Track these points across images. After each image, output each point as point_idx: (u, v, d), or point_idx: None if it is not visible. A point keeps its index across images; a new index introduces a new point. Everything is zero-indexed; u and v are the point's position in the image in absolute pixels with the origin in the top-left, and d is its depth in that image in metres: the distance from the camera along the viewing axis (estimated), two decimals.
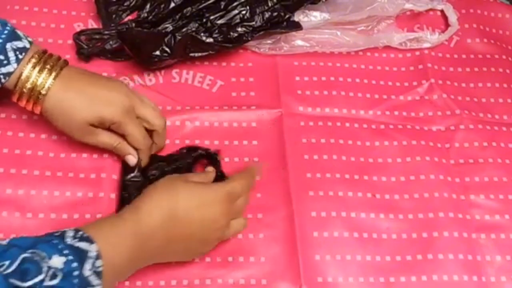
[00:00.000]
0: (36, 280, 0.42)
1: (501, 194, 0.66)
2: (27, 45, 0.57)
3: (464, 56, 0.78)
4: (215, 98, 0.70)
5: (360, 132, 0.69)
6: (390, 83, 0.74)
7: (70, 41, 0.70)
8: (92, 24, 0.72)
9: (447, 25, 0.80)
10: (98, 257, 0.46)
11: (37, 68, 0.56)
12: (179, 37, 0.65)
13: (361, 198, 0.64)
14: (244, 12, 0.68)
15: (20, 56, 0.56)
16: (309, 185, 0.64)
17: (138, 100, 0.60)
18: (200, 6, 0.68)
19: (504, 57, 0.78)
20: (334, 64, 0.74)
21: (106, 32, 0.69)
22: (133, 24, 0.70)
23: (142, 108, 0.60)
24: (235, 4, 0.68)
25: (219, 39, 0.67)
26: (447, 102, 0.73)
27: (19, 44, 0.56)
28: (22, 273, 0.41)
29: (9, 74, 0.55)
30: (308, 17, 0.75)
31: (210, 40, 0.67)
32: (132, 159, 0.61)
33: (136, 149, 0.61)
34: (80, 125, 0.58)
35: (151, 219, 0.51)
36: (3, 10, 0.71)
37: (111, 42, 0.68)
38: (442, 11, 0.80)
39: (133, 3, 0.72)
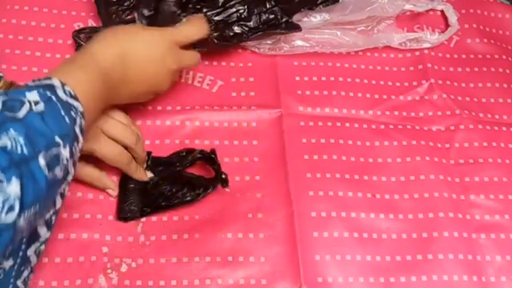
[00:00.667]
0: (24, 110, 0.42)
1: (501, 194, 0.66)
2: None
3: (464, 56, 0.78)
4: (215, 98, 0.70)
5: (360, 132, 0.69)
6: (390, 83, 0.74)
7: (70, 41, 0.70)
8: (92, 24, 0.72)
9: (447, 25, 0.80)
10: (63, 85, 0.47)
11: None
12: None
13: (361, 198, 0.64)
14: (241, 11, 0.68)
15: None
16: (309, 185, 0.64)
17: (105, 124, 0.58)
18: None
19: (504, 57, 0.78)
20: (334, 64, 0.74)
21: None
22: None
23: (110, 130, 0.59)
24: (233, 2, 0.68)
25: (215, 35, 0.67)
26: (447, 102, 0.73)
27: None
28: (10, 108, 0.42)
29: None
30: (308, 17, 0.75)
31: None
32: (111, 193, 0.61)
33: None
34: None
35: (104, 56, 0.55)
36: (3, 10, 0.71)
37: None
38: (442, 11, 0.80)
39: (133, 3, 0.72)
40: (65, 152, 0.44)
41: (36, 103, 0.44)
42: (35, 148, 0.41)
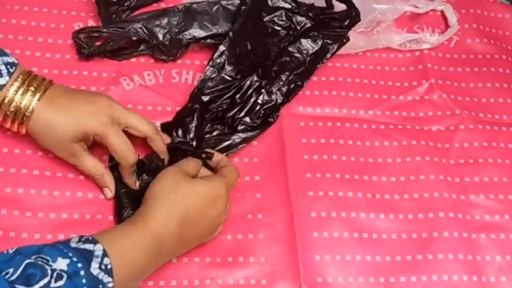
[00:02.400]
0: (41, 283, 0.42)
1: (501, 194, 0.66)
2: (16, 61, 0.57)
3: (464, 56, 0.78)
4: None
5: (360, 132, 0.69)
6: (390, 83, 0.74)
7: (70, 41, 0.70)
8: (92, 24, 0.72)
9: (447, 25, 0.80)
10: (104, 255, 0.46)
11: (21, 90, 0.56)
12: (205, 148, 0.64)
13: (361, 198, 0.64)
14: (261, 96, 0.67)
15: (11, 70, 0.56)
16: (309, 185, 0.64)
17: (122, 110, 0.60)
18: (219, 109, 0.67)
19: (504, 57, 0.78)
20: (334, 64, 0.74)
21: (105, 30, 0.69)
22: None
23: (128, 117, 0.59)
24: (250, 92, 0.67)
25: (246, 128, 0.66)
26: (447, 102, 0.73)
27: (8, 59, 0.57)
28: (27, 278, 0.41)
29: (1, 87, 0.55)
30: None
31: (236, 137, 0.65)
32: (107, 193, 0.61)
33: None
34: (65, 143, 0.58)
35: (164, 229, 0.52)
36: (3, 10, 0.71)
37: (111, 43, 0.68)
38: (442, 11, 0.81)
39: (133, 3, 0.72)
40: None
41: (59, 277, 0.43)
42: None
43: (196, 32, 0.70)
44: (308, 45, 0.70)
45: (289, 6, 0.70)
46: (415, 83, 0.74)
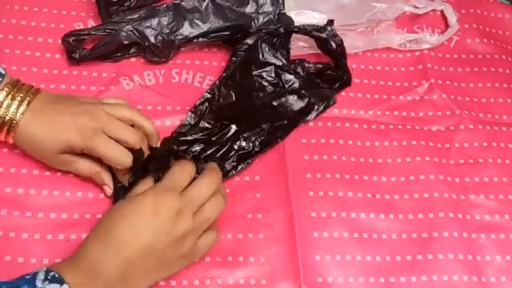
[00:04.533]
0: None
1: (501, 194, 0.66)
2: (2, 72, 0.56)
3: (464, 56, 0.78)
4: None
5: (360, 132, 0.69)
6: (390, 83, 0.74)
7: None
8: (92, 24, 0.72)
9: (446, 25, 0.80)
10: None
11: (7, 101, 0.56)
12: None
13: (361, 198, 0.64)
14: (238, 142, 0.65)
15: None
16: (309, 185, 0.64)
17: (107, 123, 0.57)
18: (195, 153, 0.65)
19: (504, 57, 0.78)
20: None
21: (94, 32, 0.68)
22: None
23: (113, 131, 0.57)
24: (227, 136, 0.65)
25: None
26: (447, 102, 0.73)
27: None
28: None
29: None
30: (308, 18, 0.75)
31: None
32: (107, 190, 0.60)
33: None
34: (51, 156, 0.57)
35: (110, 275, 0.49)
36: (3, 10, 0.71)
37: (102, 47, 0.68)
38: (441, 11, 0.81)
39: (134, 3, 0.72)
40: None
41: None
42: None
43: (187, 31, 0.70)
44: (294, 101, 0.68)
45: (280, 63, 0.69)
46: (415, 83, 0.74)
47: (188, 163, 0.55)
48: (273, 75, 0.69)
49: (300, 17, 0.74)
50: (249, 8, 0.71)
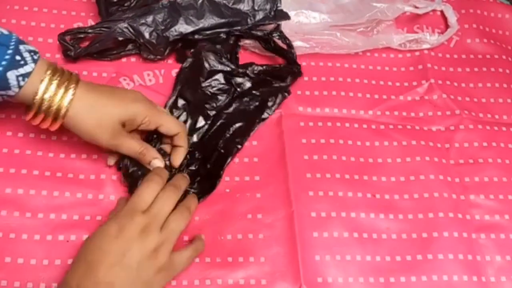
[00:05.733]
0: None
1: (501, 194, 0.66)
2: (37, 50, 0.55)
3: (464, 56, 0.78)
4: None
5: (360, 132, 0.69)
6: (390, 83, 0.74)
7: None
8: (92, 24, 0.72)
9: (446, 25, 0.80)
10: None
11: (54, 83, 0.54)
12: None
13: (361, 198, 0.64)
14: (192, 167, 0.64)
15: (35, 57, 0.54)
16: (309, 185, 0.64)
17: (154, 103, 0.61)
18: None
19: (504, 57, 0.78)
20: (334, 65, 0.74)
21: (90, 31, 0.68)
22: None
23: (163, 113, 0.62)
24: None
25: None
26: (447, 102, 0.73)
27: (30, 47, 0.54)
28: None
29: (27, 75, 0.53)
30: (307, 18, 0.75)
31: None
32: (158, 162, 0.60)
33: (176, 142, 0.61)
34: (113, 124, 0.57)
35: (72, 278, 0.50)
36: (3, 10, 0.71)
37: (97, 44, 0.68)
38: (441, 11, 0.81)
39: (134, 3, 0.72)
40: None
41: None
42: None
43: (183, 28, 0.69)
44: (247, 103, 0.68)
45: (228, 69, 0.68)
46: (415, 83, 0.74)
47: (157, 177, 0.57)
48: (223, 81, 0.68)
49: (300, 17, 0.75)
50: (245, 5, 0.71)
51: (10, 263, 0.56)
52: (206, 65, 0.68)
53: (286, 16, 0.71)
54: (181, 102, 0.66)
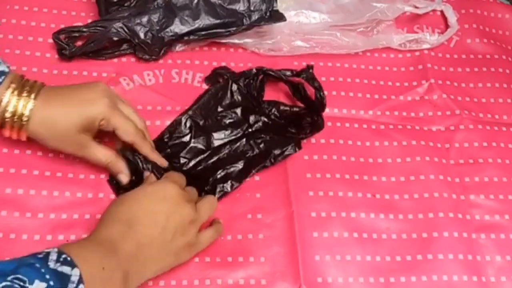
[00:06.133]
0: None
1: (501, 194, 0.66)
2: (6, 70, 0.56)
3: (464, 56, 0.78)
4: None
5: (360, 132, 0.69)
6: (390, 83, 0.74)
7: None
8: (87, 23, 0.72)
9: (446, 25, 0.80)
10: (80, 281, 0.45)
11: (15, 93, 0.55)
12: None
13: (361, 198, 0.64)
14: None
15: (0, 79, 0.55)
16: (309, 185, 0.64)
17: (117, 98, 0.60)
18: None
19: (504, 57, 0.78)
20: (334, 65, 0.74)
21: (85, 30, 0.68)
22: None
23: (122, 106, 0.60)
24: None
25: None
26: (447, 102, 0.73)
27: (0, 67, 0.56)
28: None
29: None
30: (307, 18, 0.75)
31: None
32: (124, 178, 0.60)
33: (131, 145, 0.60)
34: (71, 135, 0.57)
35: (125, 252, 0.51)
36: (3, 10, 0.71)
37: (92, 44, 0.68)
38: (441, 11, 0.81)
39: (134, 3, 0.72)
40: None
41: None
42: None
43: (178, 28, 0.69)
44: (251, 146, 0.65)
45: (249, 105, 0.67)
46: (415, 83, 0.74)
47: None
48: (240, 116, 0.67)
49: (300, 17, 0.75)
50: (241, 6, 0.71)
51: None
52: (229, 95, 0.68)
53: (281, 17, 0.71)
54: (189, 123, 0.66)
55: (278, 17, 0.71)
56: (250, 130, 0.66)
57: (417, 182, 0.66)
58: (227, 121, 0.66)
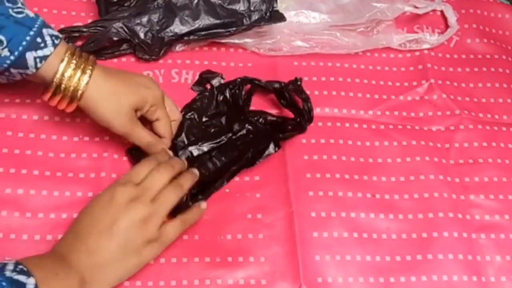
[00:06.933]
0: None
1: (501, 194, 0.66)
2: (60, 35, 0.56)
3: (464, 56, 0.78)
4: None
5: (360, 132, 0.69)
6: (390, 83, 0.74)
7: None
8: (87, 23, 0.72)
9: (446, 25, 0.80)
10: None
11: (72, 65, 0.55)
12: None
13: (361, 198, 0.64)
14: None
15: (56, 42, 0.55)
16: (309, 185, 0.64)
17: (164, 93, 0.63)
18: None
19: (504, 57, 0.78)
20: (334, 65, 0.74)
21: (85, 30, 0.68)
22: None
23: (166, 98, 0.63)
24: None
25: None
26: (447, 102, 0.73)
27: (53, 32, 0.56)
28: None
29: (45, 58, 0.54)
30: (307, 18, 0.75)
31: None
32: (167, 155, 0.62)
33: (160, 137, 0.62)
34: (126, 109, 0.58)
35: (78, 263, 0.51)
36: None
37: (92, 44, 0.68)
38: (441, 11, 0.81)
39: (134, 3, 0.72)
40: None
41: None
42: None
43: (178, 28, 0.70)
44: (228, 148, 0.65)
45: (234, 113, 0.67)
46: (415, 83, 0.74)
47: (155, 157, 0.59)
48: (224, 124, 0.66)
49: (300, 17, 0.75)
50: (241, 6, 0.71)
51: None
52: (215, 104, 0.68)
53: (281, 18, 0.71)
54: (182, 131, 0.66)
55: (278, 17, 0.71)
56: (233, 137, 0.66)
57: (417, 182, 0.66)
58: (212, 130, 0.66)
